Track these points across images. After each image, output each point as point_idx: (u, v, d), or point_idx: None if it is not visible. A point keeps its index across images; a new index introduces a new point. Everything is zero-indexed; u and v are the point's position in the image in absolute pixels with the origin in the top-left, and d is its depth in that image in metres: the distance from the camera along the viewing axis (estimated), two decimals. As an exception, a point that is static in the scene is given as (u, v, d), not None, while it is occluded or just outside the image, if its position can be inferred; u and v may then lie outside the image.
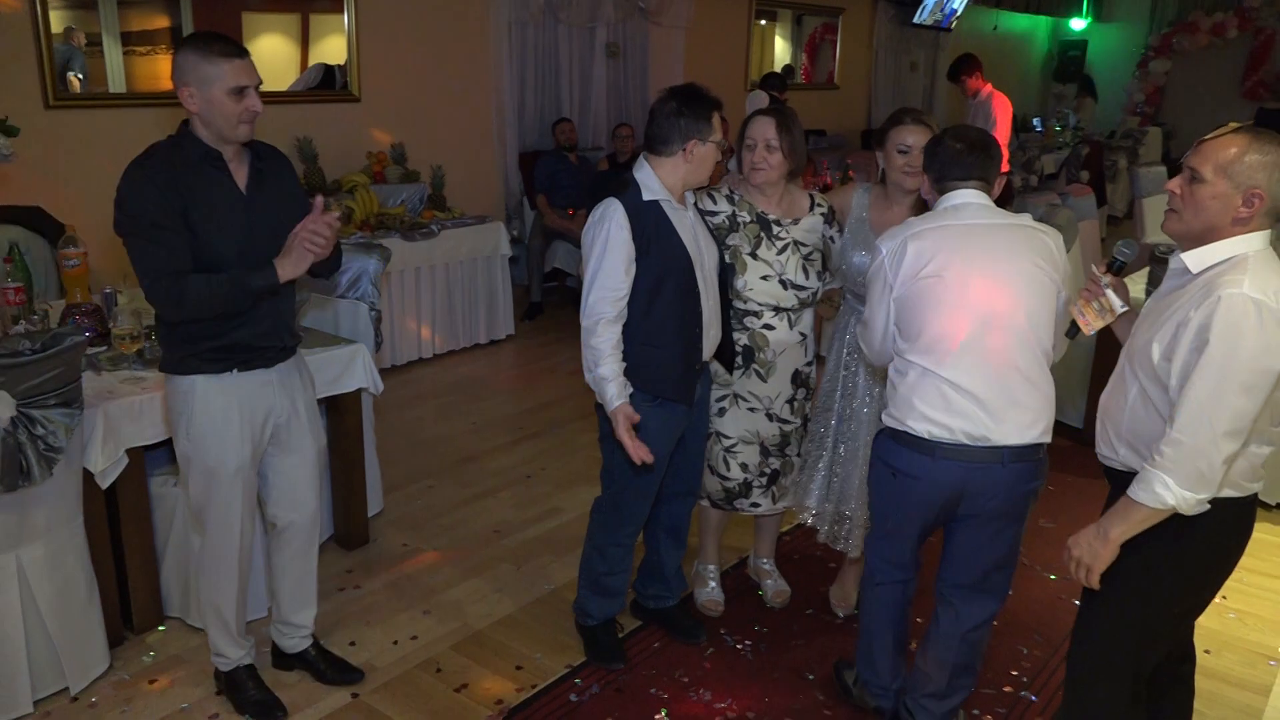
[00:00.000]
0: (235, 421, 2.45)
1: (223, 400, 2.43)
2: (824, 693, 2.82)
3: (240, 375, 2.44)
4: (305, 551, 2.75)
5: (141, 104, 5.15)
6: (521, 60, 7.17)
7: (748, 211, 2.85)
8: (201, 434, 2.43)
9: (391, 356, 5.64)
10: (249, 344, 2.43)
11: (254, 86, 2.30)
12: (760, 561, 3.35)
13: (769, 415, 2.94)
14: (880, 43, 10.82)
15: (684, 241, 2.62)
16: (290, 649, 2.84)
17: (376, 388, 3.47)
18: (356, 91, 6.20)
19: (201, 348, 2.38)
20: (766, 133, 2.78)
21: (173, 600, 3.07)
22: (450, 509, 3.95)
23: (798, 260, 2.85)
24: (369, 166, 6.25)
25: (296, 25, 6.21)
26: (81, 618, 2.70)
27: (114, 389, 2.84)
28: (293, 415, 2.57)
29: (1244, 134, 1.89)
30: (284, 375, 2.55)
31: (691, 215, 2.70)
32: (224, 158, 2.34)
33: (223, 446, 2.45)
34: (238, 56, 2.27)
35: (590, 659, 2.92)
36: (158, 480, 2.99)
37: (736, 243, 2.83)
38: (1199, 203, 1.91)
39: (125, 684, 2.79)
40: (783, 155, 2.78)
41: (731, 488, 3.01)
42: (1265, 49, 11.69)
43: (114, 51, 5.08)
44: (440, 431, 4.80)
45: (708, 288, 2.68)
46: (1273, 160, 1.86)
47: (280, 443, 2.57)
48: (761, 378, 2.90)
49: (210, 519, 2.54)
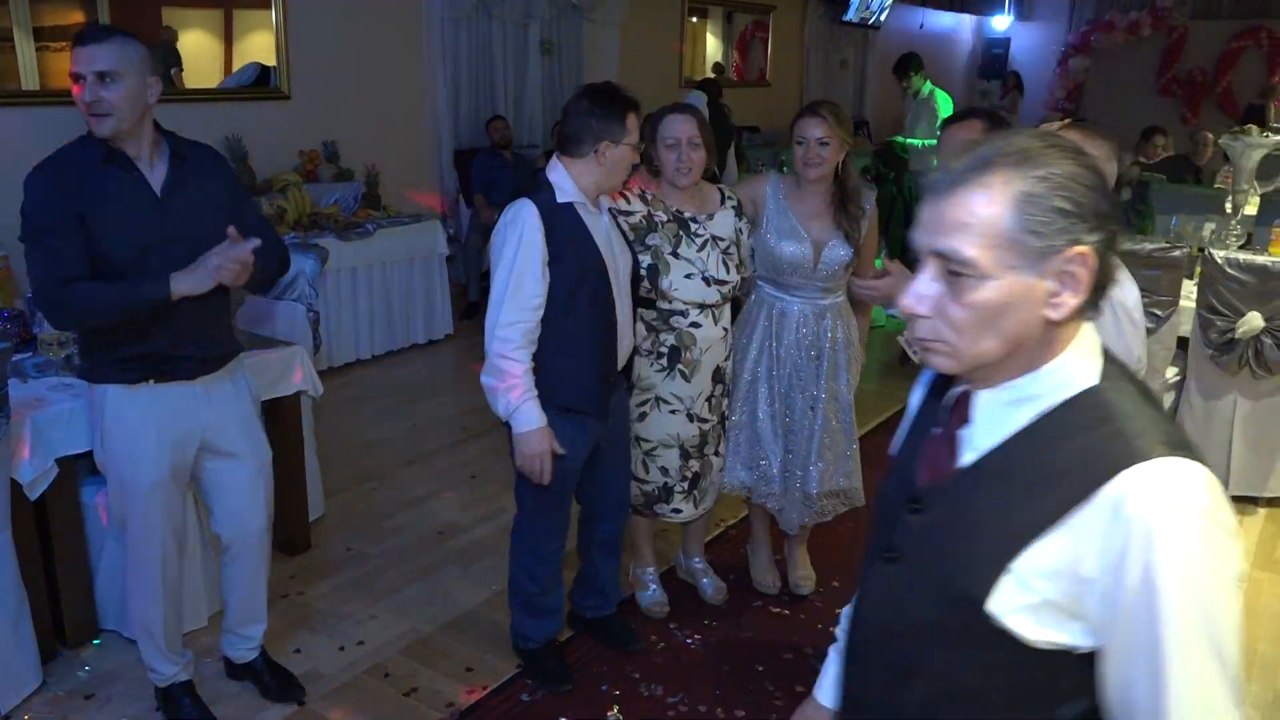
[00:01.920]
0: (151, 436, 2.33)
1: (136, 412, 2.32)
2: (774, 683, 2.85)
3: (157, 387, 2.31)
4: (254, 568, 2.65)
5: (56, 102, 4.96)
6: (455, 57, 7.09)
7: (663, 210, 2.84)
8: (115, 447, 2.34)
9: (329, 358, 5.54)
10: (165, 353, 2.30)
11: (95, 75, 2.10)
12: (692, 562, 3.32)
13: (689, 415, 2.92)
14: (811, 40, 10.95)
15: (599, 247, 2.55)
16: (238, 659, 2.77)
17: (316, 390, 3.41)
18: (286, 89, 6.08)
19: (115, 355, 2.27)
20: (689, 131, 2.76)
21: (108, 613, 2.98)
22: (394, 511, 3.90)
23: (717, 255, 2.85)
24: (301, 165, 6.13)
25: (220, 21, 6.06)
26: (11, 633, 2.60)
27: (42, 396, 2.75)
28: (223, 430, 2.44)
29: (1079, 129, 1.97)
30: (211, 388, 2.41)
31: (606, 220, 2.64)
32: (129, 156, 2.21)
33: (135, 461, 2.34)
34: (83, 43, 2.11)
35: (536, 683, 2.81)
36: (90, 489, 2.90)
37: (657, 243, 2.80)
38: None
39: (59, 700, 2.70)
40: (705, 151, 2.79)
41: (650, 491, 2.98)
42: (1178, 47, 12.13)
43: (26, 47, 4.89)
44: (381, 433, 4.73)
45: (621, 295, 2.63)
46: (1109, 154, 2.01)
47: (216, 458, 2.47)
48: (685, 378, 2.88)
49: (130, 533, 2.44)
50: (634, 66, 8.40)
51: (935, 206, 1.04)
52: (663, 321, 2.85)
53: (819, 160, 2.83)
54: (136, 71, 2.15)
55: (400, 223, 5.97)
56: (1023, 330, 1.03)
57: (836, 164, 2.87)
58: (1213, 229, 4.69)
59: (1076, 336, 1.07)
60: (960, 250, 1.01)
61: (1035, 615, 1.05)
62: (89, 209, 2.15)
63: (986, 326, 1.03)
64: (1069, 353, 1.07)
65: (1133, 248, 4.06)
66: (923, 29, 12.57)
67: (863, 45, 11.75)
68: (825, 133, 2.81)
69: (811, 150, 2.82)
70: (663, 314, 2.84)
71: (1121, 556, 0.99)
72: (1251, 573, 3.58)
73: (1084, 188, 1.00)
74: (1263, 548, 3.77)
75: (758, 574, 3.34)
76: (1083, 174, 1.01)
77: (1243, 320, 3.86)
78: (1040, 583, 1.04)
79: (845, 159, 2.89)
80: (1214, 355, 3.98)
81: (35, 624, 2.70)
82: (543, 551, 2.75)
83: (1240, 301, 3.88)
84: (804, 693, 2.78)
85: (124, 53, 2.14)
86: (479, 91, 7.38)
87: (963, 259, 1.01)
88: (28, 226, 2.17)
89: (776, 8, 10.41)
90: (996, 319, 1.03)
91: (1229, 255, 3.96)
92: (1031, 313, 1.02)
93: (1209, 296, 3.97)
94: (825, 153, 2.82)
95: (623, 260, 2.67)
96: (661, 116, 2.81)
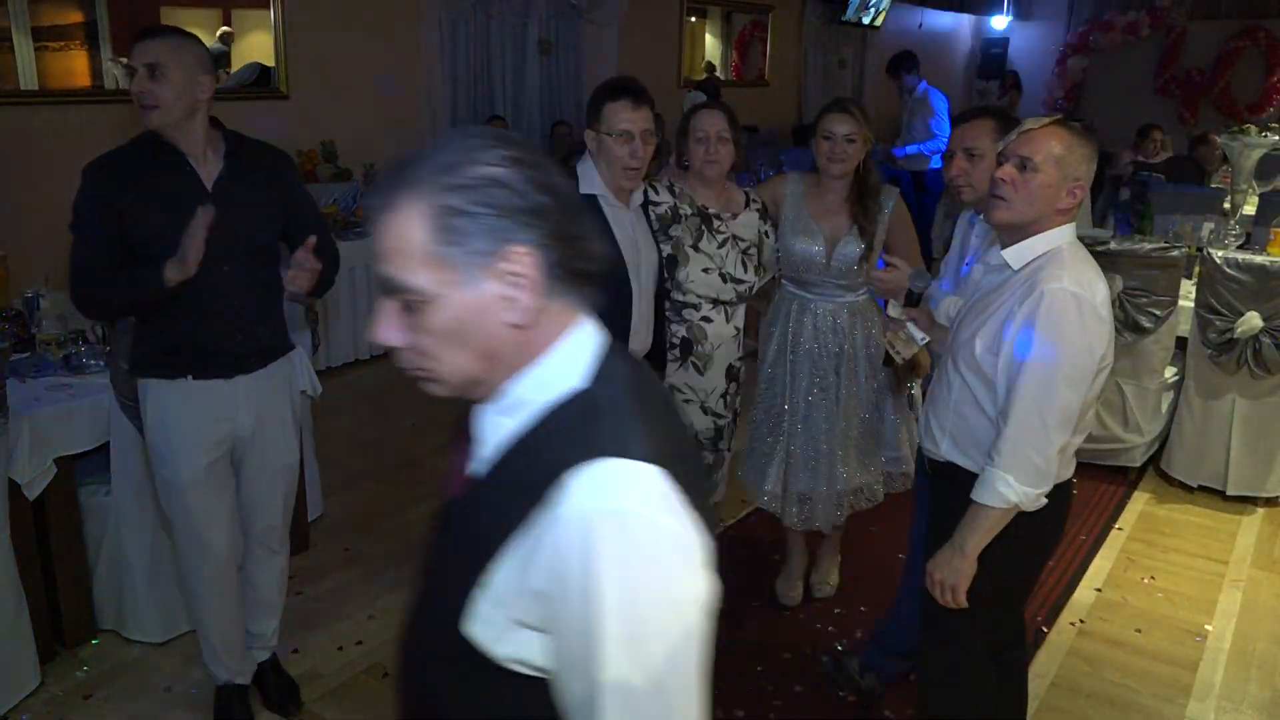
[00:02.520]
0: (186, 432, 2.33)
1: (172, 408, 2.33)
2: (773, 683, 2.85)
3: (195, 383, 2.32)
4: (268, 566, 2.64)
5: (55, 102, 4.97)
6: (453, 57, 7.08)
7: (688, 204, 2.86)
8: (154, 441, 2.36)
9: (328, 358, 5.53)
10: (201, 346, 2.30)
11: (145, 68, 2.16)
12: None
13: (704, 409, 2.95)
14: (809, 40, 10.94)
15: (619, 241, 2.55)
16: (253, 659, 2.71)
17: (315, 390, 3.40)
18: (285, 89, 6.07)
19: (156, 347, 2.31)
20: (718, 125, 2.79)
21: (106, 613, 2.98)
22: (392, 511, 3.89)
23: (737, 254, 2.88)
24: (299, 165, 6.12)
25: (218, 21, 6.06)
26: (9, 634, 2.60)
27: (40, 396, 2.74)
28: (258, 433, 2.44)
29: (1065, 126, 1.94)
30: (251, 388, 2.40)
31: (632, 216, 2.64)
32: (183, 152, 2.25)
33: (173, 458, 2.35)
34: (137, 39, 2.19)
35: None
36: (87, 490, 2.90)
37: (679, 234, 2.83)
38: (1032, 192, 1.93)
39: (57, 701, 2.70)
40: (733, 147, 2.81)
41: None
42: (1176, 47, 12.12)
43: (24, 47, 4.88)
44: (380, 433, 4.73)
45: (642, 292, 2.63)
46: (1091, 153, 1.95)
47: (246, 455, 2.46)
48: (699, 370, 2.91)
49: (176, 531, 2.45)
50: (633, 67, 8.36)
51: (375, 234, 1.00)
52: (675, 313, 2.87)
53: (844, 156, 2.86)
54: (185, 68, 2.19)
55: (399, 222, 5.96)
56: (493, 340, 0.99)
57: (860, 161, 2.90)
58: (1211, 229, 4.69)
59: (563, 338, 1.03)
60: (398, 277, 0.98)
61: (509, 638, 0.99)
62: (131, 202, 2.20)
63: (456, 346, 0.99)
64: (552, 355, 1.02)
65: (1131, 247, 4.07)
66: (921, 29, 12.57)
67: (861, 45, 11.74)
68: (852, 129, 2.83)
69: (838, 146, 2.84)
70: (675, 305, 2.87)
71: (564, 564, 0.92)
72: (1250, 572, 3.58)
73: (505, 188, 0.96)
74: (1261, 547, 3.77)
75: (782, 588, 3.30)
76: (506, 174, 0.96)
77: (1241, 320, 3.86)
78: (512, 599, 0.98)
79: (866, 157, 2.92)
80: (1213, 355, 3.98)
81: (33, 624, 2.69)
82: None
83: (1239, 301, 3.88)
84: (802, 693, 2.81)
85: (174, 49, 2.20)
86: (477, 91, 7.37)
87: (404, 286, 0.97)
88: (73, 216, 2.25)
89: (775, 7, 10.40)
90: (461, 336, 0.98)
91: (1228, 255, 3.97)
92: (493, 321, 0.98)
93: (1207, 296, 3.97)
94: (851, 149, 2.85)
95: (647, 257, 2.66)
96: (693, 113, 2.87)
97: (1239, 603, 3.37)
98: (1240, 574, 3.57)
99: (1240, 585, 3.49)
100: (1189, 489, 4.20)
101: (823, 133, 2.87)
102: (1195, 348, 4.11)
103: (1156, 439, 4.32)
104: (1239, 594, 3.43)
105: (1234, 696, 2.88)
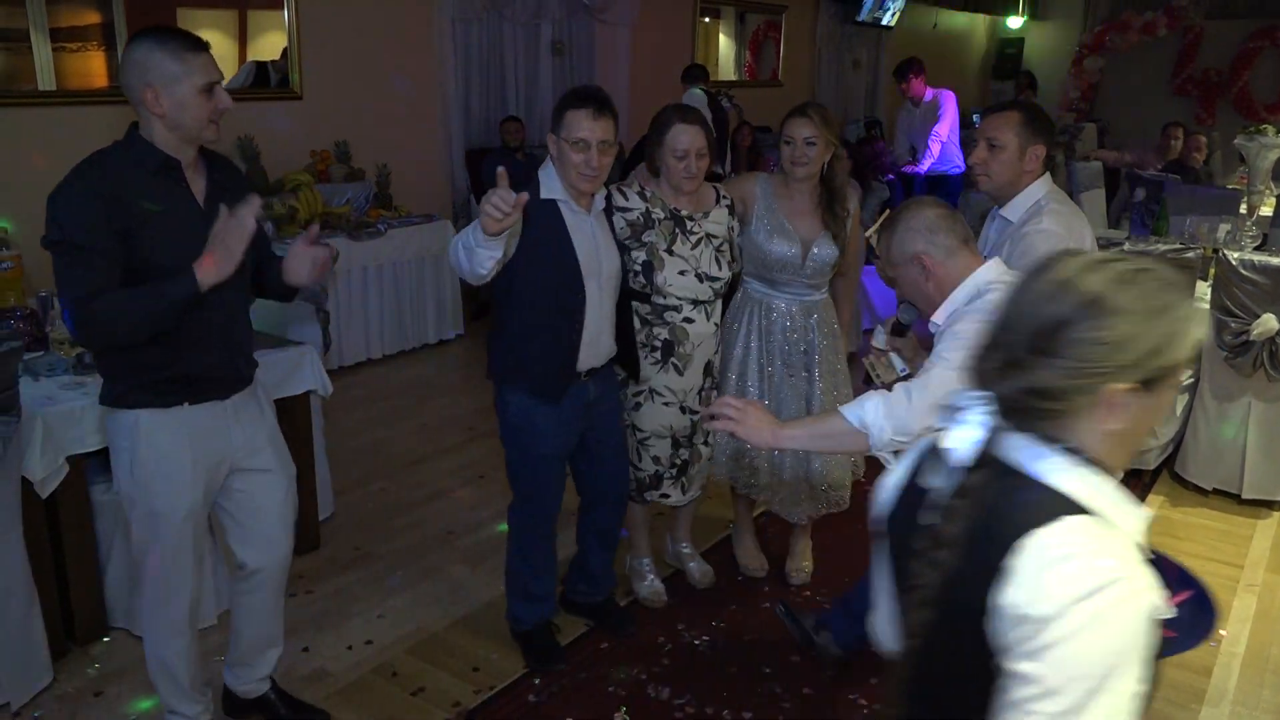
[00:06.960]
0: (186, 461, 2.20)
1: (168, 437, 2.18)
2: (781, 685, 2.84)
3: (191, 409, 2.20)
4: (275, 594, 2.52)
5: (73, 102, 5.01)
6: (466, 57, 7.10)
7: (660, 208, 2.88)
8: (148, 475, 2.18)
9: (339, 358, 5.55)
10: (200, 374, 2.19)
11: (220, 81, 2.11)
12: (680, 546, 3.41)
13: (682, 408, 2.99)
14: (823, 40, 10.91)
15: (575, 246, 2.58)
16: (247, 693, 2.59)
17: (325, 390, 3.42)
18: (298, 89, 6.10)
19: (146, 379, 2.14)
20: (698, 143, 2.80)
21: (117, 610, 2.99)
22: (402, 511, 3.90)
23: (710, 253, 2.92)
24: (313, 165, 6.14)
25: (234, 22, 6.09)
26: (21, 631, 2.62)
27: (53, 395, 2.76)
28: (255, 449, 2.34)
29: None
30: (240, 406, 2.31)
31: (592, 221, 2.66)
32: (182, 167, 2.14)
33: (171, 489, 2.20)
34: (204, 50, 2.08)
35: (529, 664, 2.88)
36: (100, 488, 2.91)
37: (653, 239, 2.85)
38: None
39: (69, 697, 2.71)
40: (710, 159, 2.85)
41: (643, 479, 3.06)
42: (1193, 47, 12.03)
43: (43, 48, 4.92)
44: (391, 433, 4.74)
45: (601, 296, 2.65)
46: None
47: (247, 476, 2.35)
48: (679, 371, 2.95)
49: (152, 567, 2.27)
50: (646, 68, 8.40)
51: None
52: (657, 316, 2.90)
53: (805, 159, 2.93)
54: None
55: (411, 222, 5.98)
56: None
57: (823, 164, 2.96)
58: (1227, 230, 4.65)
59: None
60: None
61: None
62: (136, 223, 2.04)
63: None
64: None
65: (1146, 249, 4.04)
66: (935, 29, 12.51)
67: (875, 45, 11.70)
68: (812, 132, 2.90)
69: (799, 149, 2.92)
70: (657, 309, 2.89)
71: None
72: (1265, 576, 3.54)
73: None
74: (1276, 552, 3.73)
75: (743, 558, 3.45)
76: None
77: (1258, 322, 3.82)
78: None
79: (831, 160, 2.97)
80: (1228, 357, 3.94)
81: (45, 621, 2.71)
82: (537, 528, 2.85)
83: (1255, 303, 3.85)
84: (811, 695, 2.80)
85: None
86: (490, 92, 7.38)
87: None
88: (59, 237, 2.02)
89: (789, 8, 10.38)
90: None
91: (1243, 256, 3.93)
92: None
93: (1223, 298, 3.94)
94: (811, 152, 2.92)
95: (608, 262, 2.71)
96: (669, 124, 2.81)
97: (1254, 607, 3.34)
98: (1255, 578, 3.53)
99: (1255, 590, 3.45)
100: (1204, 492, 4.17)
101: (784, 137, 2.96)
102: (1210, 350, 4.07)
103: (1171, 442, 4.29)
104: (1254, 599, 3.40)
105: (1248, 702, 2.86)
